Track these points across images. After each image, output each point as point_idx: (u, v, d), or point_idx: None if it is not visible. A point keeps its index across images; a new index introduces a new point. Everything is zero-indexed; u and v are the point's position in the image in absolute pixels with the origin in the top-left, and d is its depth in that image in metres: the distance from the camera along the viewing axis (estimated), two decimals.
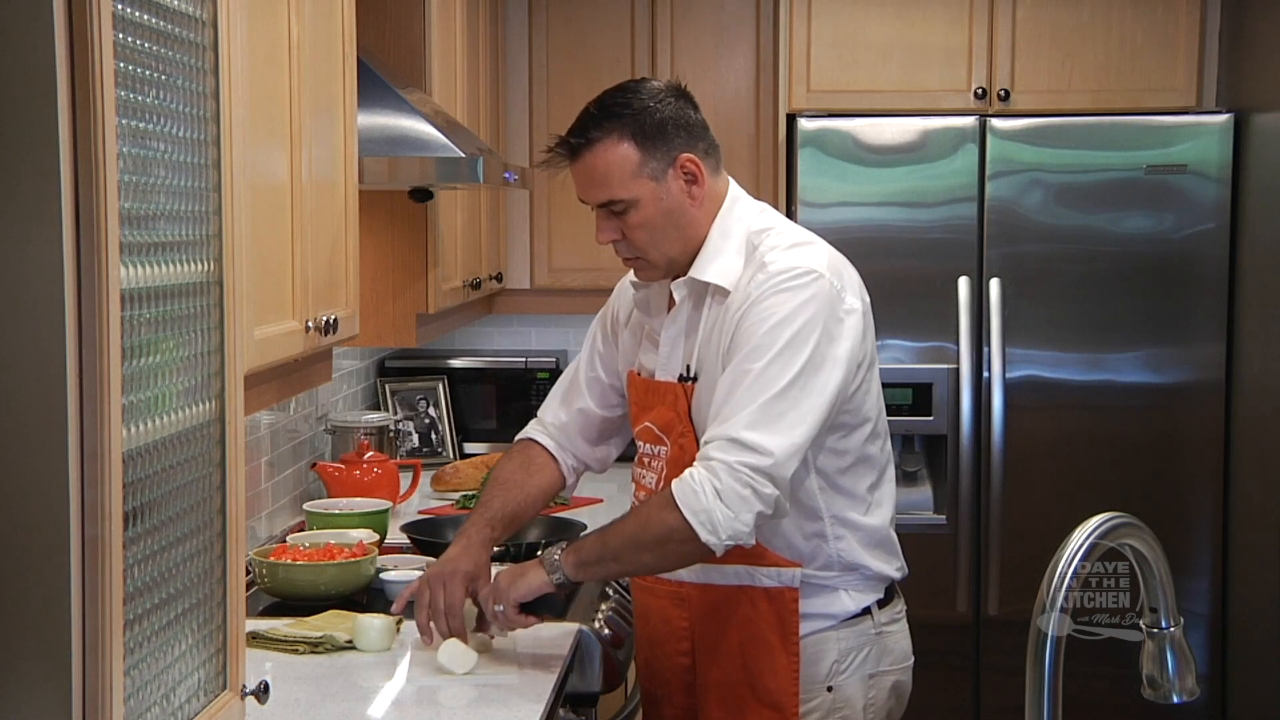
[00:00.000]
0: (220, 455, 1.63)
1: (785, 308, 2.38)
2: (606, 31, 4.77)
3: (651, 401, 2.59)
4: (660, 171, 2.48)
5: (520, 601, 2.48)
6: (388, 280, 3.61)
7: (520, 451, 2.81)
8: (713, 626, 2.53)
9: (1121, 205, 4.48)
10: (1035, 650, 1.53)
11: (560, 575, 2.45)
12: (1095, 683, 4.08)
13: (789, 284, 2.40)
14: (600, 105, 2.50)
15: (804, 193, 4.49)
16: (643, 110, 2.47)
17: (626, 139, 2.46)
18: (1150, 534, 1.57)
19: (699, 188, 2.51)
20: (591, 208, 2.54)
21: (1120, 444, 4.54)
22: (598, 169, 2.48)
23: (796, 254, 2.46)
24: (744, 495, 2.30)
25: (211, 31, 1.59)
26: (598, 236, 2.54)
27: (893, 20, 4.63)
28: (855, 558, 2.52)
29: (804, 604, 2.49)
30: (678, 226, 2.51)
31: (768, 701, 2.49)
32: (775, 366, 2.35)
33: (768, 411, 2.32)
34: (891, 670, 2.58)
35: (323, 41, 2.70)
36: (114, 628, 1.31)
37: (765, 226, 2.53)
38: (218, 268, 1.62)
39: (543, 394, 4.98)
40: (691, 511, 2.30)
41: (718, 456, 2.31)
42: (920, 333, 4.51)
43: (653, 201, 2.48)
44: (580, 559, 2.44)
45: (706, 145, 2.53)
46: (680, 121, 2.49)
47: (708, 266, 2.50)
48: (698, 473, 2.33)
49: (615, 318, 2.77)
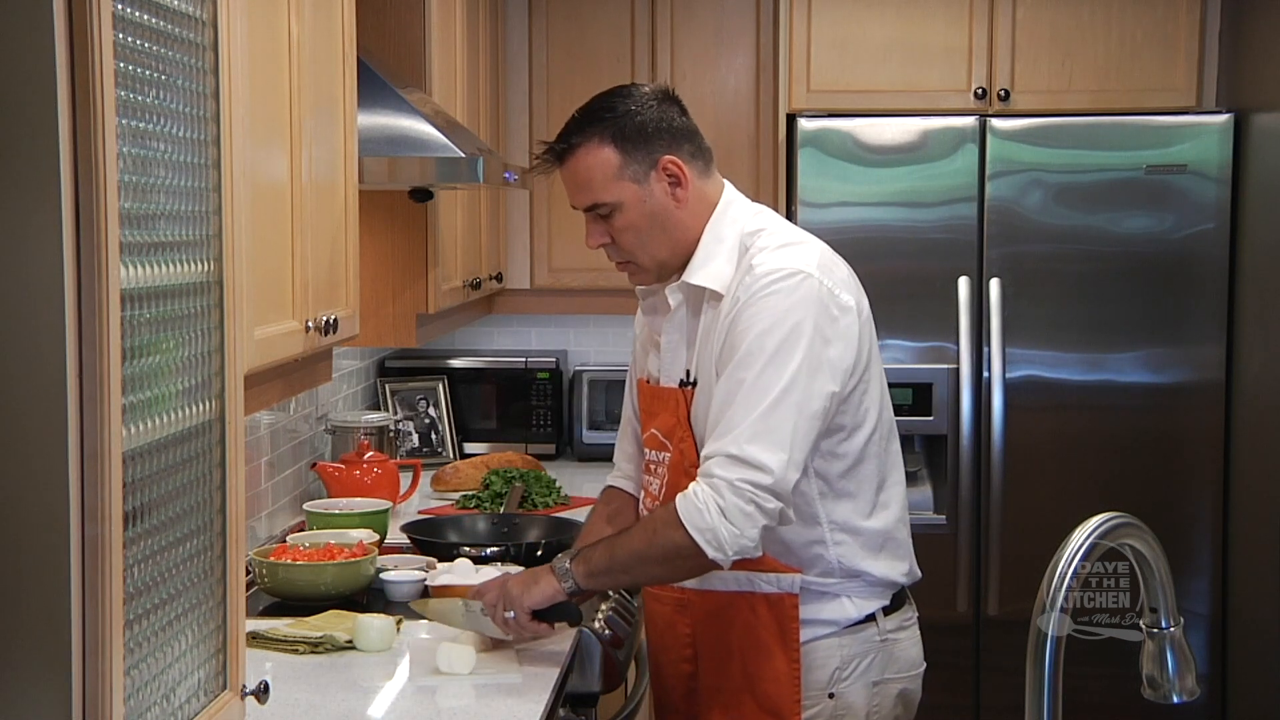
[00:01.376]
0: (220, 455, 1.63)
1: (774, 311, 2.37)
2: (606, 31, 4.77)
3: (656, 408, 2.59)
4: (642, 174, 2.49)
5: (533, 609, 2.48)
6: (388, 280, 3.61)
7: (602, 503, 2.83)
8: (713, 632, 2.53)
9: (1121, 205, 4.48)
10: (1035, 650, 1.53)
11: (571, 583, 2.45)
12: (1095, 683, 4.07)
13: (776, 286, 2.39)
14: (585, 111, 2.54)
15: (804, 193, 4.49)
16: (625, 114, 2.49)
17: (607, 143, 2.49)
18: (1150, 534, 1.57)
19: (683, 190, 2.51)
20: (582, 213, 2.56)
21: (1120, 444, 4.54)
22: (580, 173, 2.51)
23: (785, 254, 2.44)
24: (748, 511, 2.30)
25: (211, 31, 1.59)
26: (587, 241, 2.56)
27: (893, 20, 4.63)
28: (857, 564, 2.50)
29: (805, 610, 2.48)
30: (664, 229, 2.51)
31: (768, 708, 2.48)
32: (768, 374, 2.34)
33: (765, 423, 2.32)
34: (898, 678, 2.55)
35: (323, 41, 2.70)
36: (114, 628, 1.31)
37: (758, 228, 2.52)
38: (218, 268, 1.62)
39: (543, 394, 5.07)
40: (696, 530, 2.31)
41: (719, 474, 2.31)
42: (920, 333, 4.51)
43: (636, 204, 2.50)
44: (590, 569, 2.45)
45: (693, 148, 2.54)
46: (662, 124, 2.51)
47: (700, 270, 2.50)
48: (701, 490, 2.32)
49: (637, 336, 2.77)
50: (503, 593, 2.51)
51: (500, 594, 2.52)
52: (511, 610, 2.49)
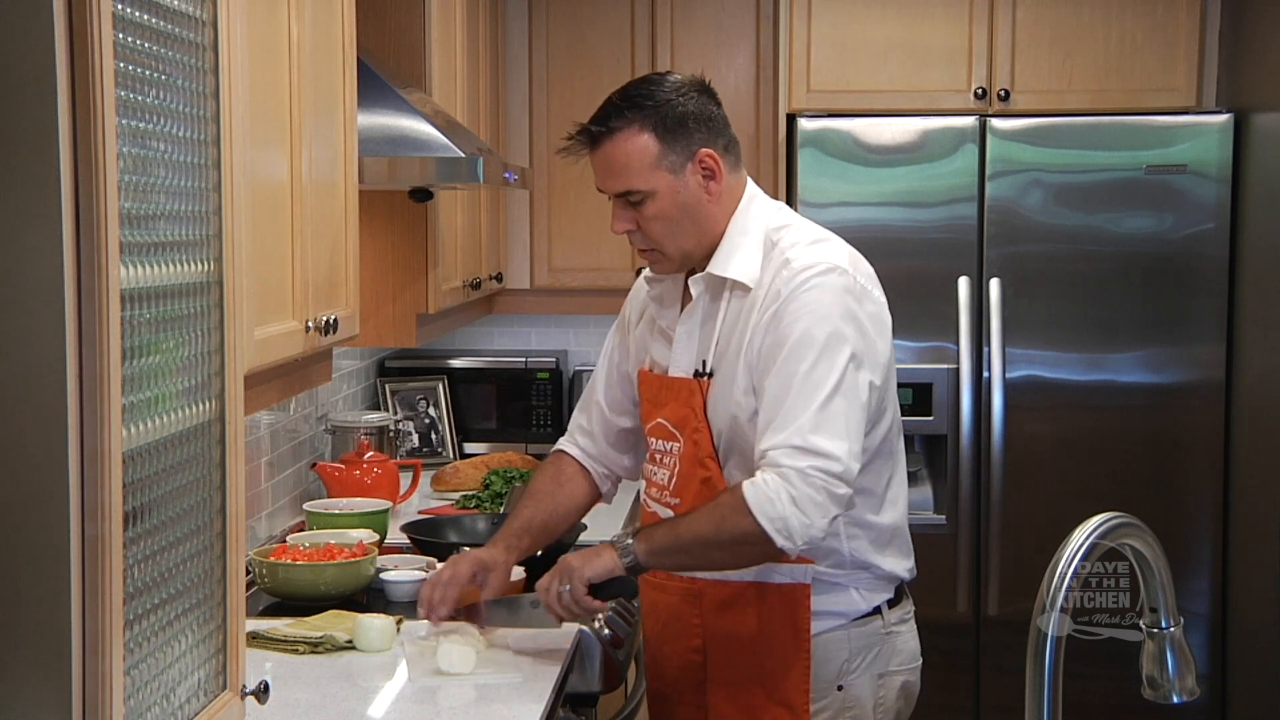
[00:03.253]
0: (220, 455, 1.63)
1: (820, 305, 2.40)
2: (606, 31, 4.77)
3: (665, 398, 2.59)
4: (679, 165, 2.49)
5: (591, 581, 2.45)
6: (388, 280, 3.61)
7: (551, 463, 2.84)
8: (725, 623, 2.54)
9: (1121, 205, 4.48)
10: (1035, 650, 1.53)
11: (633, 559, 2.44)
12: (1095, 683, 4.07)
13: (817, 280, 2.42)
14: (624, 95, 2.52)
15: (804, 193, 4.49)
16: (665, 103, 2.49)
17: (647, 130, 2.48)
18: (1150, 534, 1.57)
19: (716, 183, 2.52)
20: (609, 197, 2.55)
21: (1120, 444, 4.54)
22: (617, 158, 2.49)
23: (819, 250, 2.49)
24: (819, 500, 2.32)
25: (211, 31, 1.59)
26: (613, 226, 2.55)
27: (893, 20, 4.63)
28: (867, 557, 2.53)
29: (815, 601, 2.50)
30: (694, 220, 2.52)
31: (779, 699, 2.49)
32: (821, 367, 2.37)
33: (825, 413, 2.34)
34: (900, 670, 2.58)
35: (323, 41, 2.70)
36: (114, 628, 1.31)
37: (783, 224, 2.55)
38: (218, 268, 1.62)
39: (543, 394, 5.06)
40: (767, 518, 2.32)
41: (788, 464, 2.33)
42: (920, 333, 4.51)
43: (669, 194, 2.50)
44: (652, 547, 2.44)
45: (726, 141, 2.55)
46: (702, 116, 2.51)
47: (727, 262, 2.51)
48: (771, 479, 2.33)
49: (628, 322, 2.77)
50: (559, 570, 2.49)
51: (556, 572, 2.49)
52: (568, 584, 2.46)
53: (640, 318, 2.73)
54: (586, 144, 2.52)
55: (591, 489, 2.81)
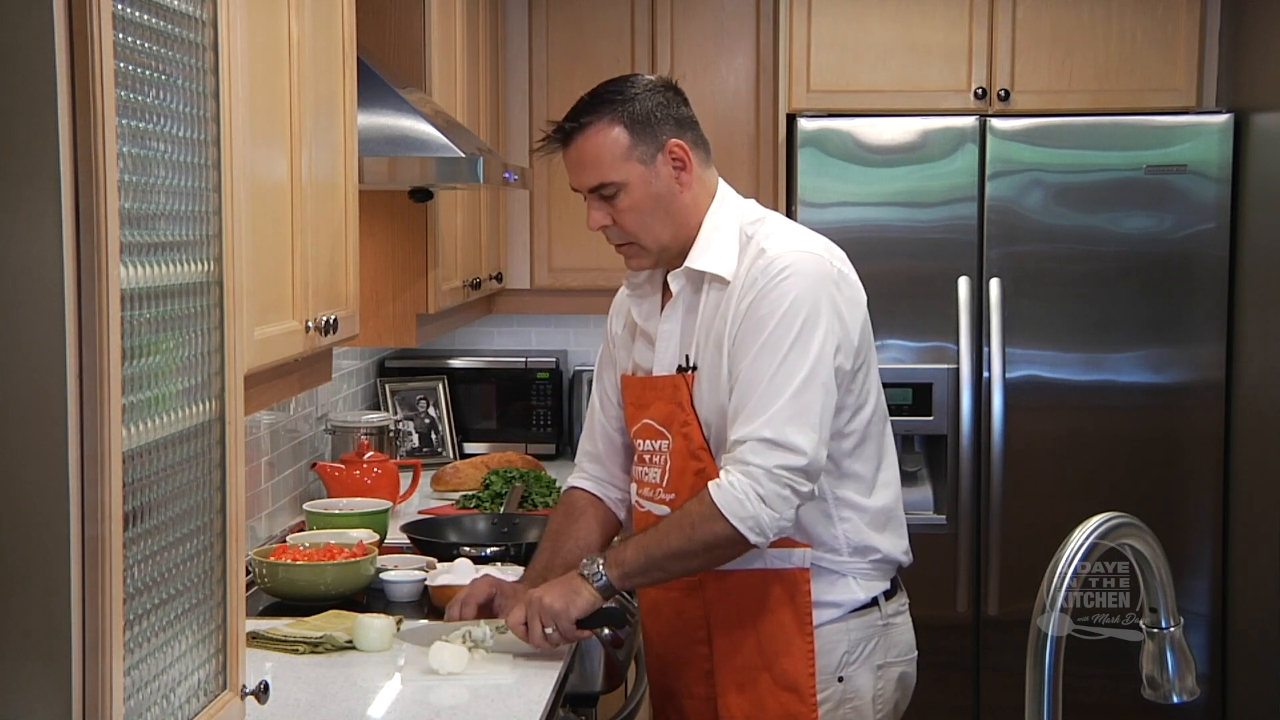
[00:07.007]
0: (220, 455, 1.63)
1: (794, 294, 2.44)
2: (606, 31, 4.77)
3: (649, 398, 2.61)
4: (649, 155, 2.55)
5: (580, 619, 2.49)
6: (388, 280, 3.61)
7: (562, 503, 2.86)
8: (728, 612, 2.56)
9: (1121, 205, 4.48)
10: (1035, 650, 1.53)
11: (606, 583, 2.48)
12: (1095, 683, 4.07)
13: (792, 269, 2.46)
14: (594, 94, 2.60)
15: (804, 193, 4.49)
16: (634, 98, 2.56)
17: (618, 123, 2.55)
18: (1150, 534, 1.57)
19: (687, 174, 2.58)
20: (584, 195, 2.60)
21: (1120, 444, 4.54)
22: (588, 152, 2.56)
23: (794, 239, 2.54)
24: (785, 496, 2.39)
25: (211, 31, 1.59)
26: (589, 222, 2.60)
27: (893, 20, 4.63)
28: (864, 539, 2.56)
29: (816, 591, 2.53)
30: (667, 211, 2.57)
31: (785, 684, 2.52)
32: (794, 357, 2.41)
33: (797, 403, 2.40)
34: (898, 662, 2.62)
35: (323, 41, 2.70)
36: (114, 628, 1.31)
37: (757, 217, 2.61)
38: (218, 268, 1.62)
39: (542, 394, 5.06)
40: (739, 519, 2.38)
41: (755, 461, 2.38)
42: (920, 333, 4.51)
43: (642, 185, 2.55)
44: (625, 570, 2.48)
45: (694, 137, 2.61)
46: (669, 111, 2.58)
47: (702, 256, 2.56)
48: (738, 480, 2.38)
49: (612, 337, 2.80)
50: (537, 610, 2.50)
51: (532, 612, 2.50)
52: (552, 626, 2.48)
53: (622, 326, 2.75)
54: (559, 141, 2.59)
55: (607, 517, 2.80)
